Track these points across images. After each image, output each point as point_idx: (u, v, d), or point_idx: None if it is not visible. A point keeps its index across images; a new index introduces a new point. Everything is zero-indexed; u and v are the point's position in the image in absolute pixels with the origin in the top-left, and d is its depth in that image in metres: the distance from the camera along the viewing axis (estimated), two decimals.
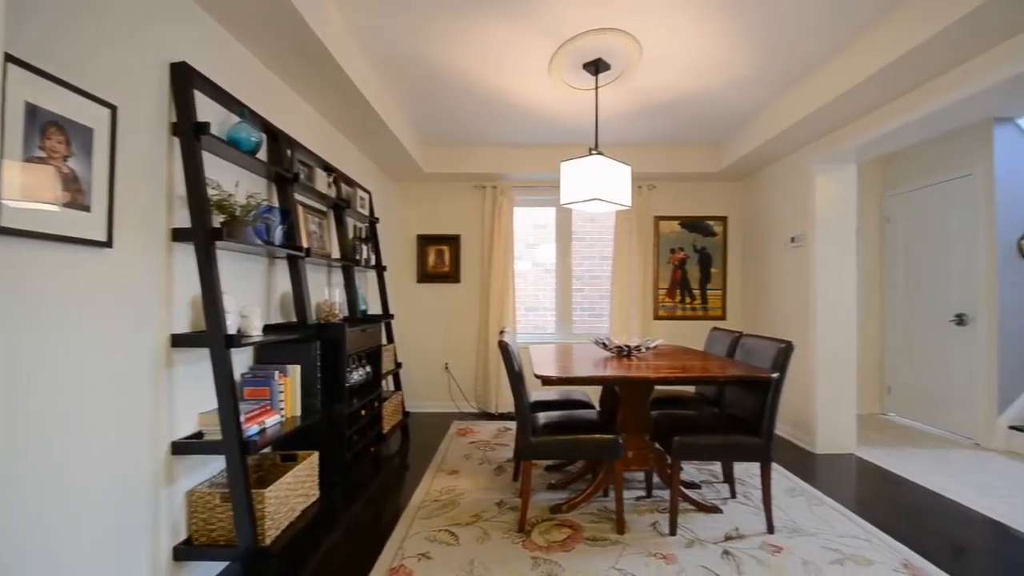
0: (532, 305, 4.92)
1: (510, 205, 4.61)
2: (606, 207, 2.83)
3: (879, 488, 2.95)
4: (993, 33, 2.11)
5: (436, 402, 4.78)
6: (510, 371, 2.38)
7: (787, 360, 2.37)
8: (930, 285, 4.21)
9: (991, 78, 2.27)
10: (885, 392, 4.67)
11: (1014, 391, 3.60)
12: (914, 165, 4.35)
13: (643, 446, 2.60)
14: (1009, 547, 2.25)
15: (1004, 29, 2.08)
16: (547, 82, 3.05)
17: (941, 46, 2.21)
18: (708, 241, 4.88)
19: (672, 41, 2.58)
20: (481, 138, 4.18)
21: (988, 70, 2.29)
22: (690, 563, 2.08)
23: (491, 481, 2.98)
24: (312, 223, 2.85)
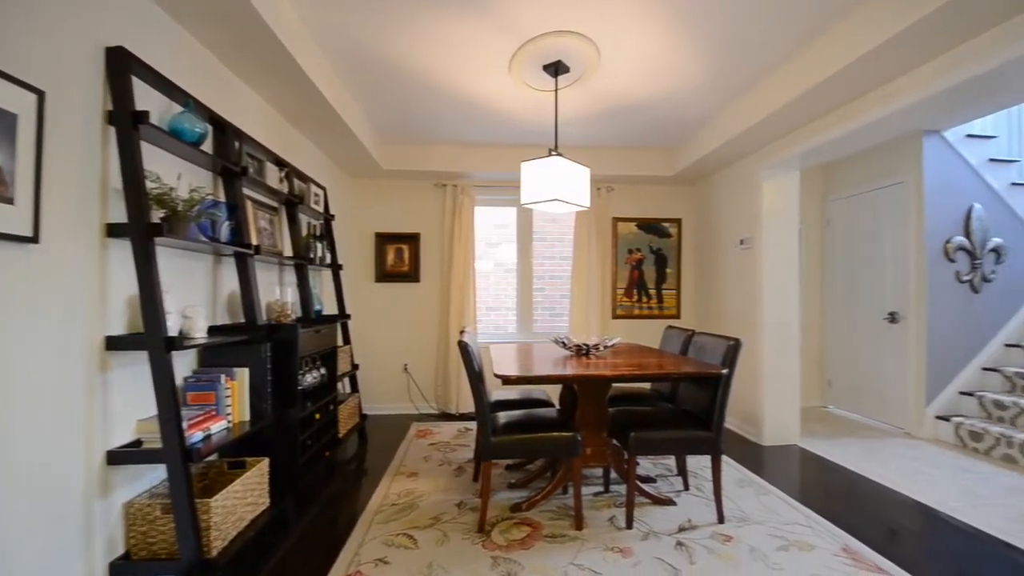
0: (494, 305, 4.92)
1: (471, 204, 4.59)
2: (566, 208, 2.87)
3: (820, 477, 3.12)
4: (921, 52, 2.28)
5: (395, 404, 4.70)
6: (470, 371, 2.37)
7: (735, 356, 2.47)
8: (866, 285, 4.49)
9: (920, 93, 2.45)
10: (826, 386, 4.95)
11: (940, 384, 3.90)
12: (852, 172, 4.63)
13: (601, 443, 2.65)
14: (936, 528, 2.43)
15: (931, 49, 2.25)
16: (508, 82, 3.06)
17: (875, 62, 2.37)
18: (663, 242, 5.02)
19: (629, 47, 2.64)
20: (441, 136, 4.14)
21: (917, 86, 2.46)
22: (645, 555, 2.13)
23: (451, 482, 2.96)
24: (262, 219, 2.74)
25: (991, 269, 3.97)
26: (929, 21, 2.01)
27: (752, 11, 2.31)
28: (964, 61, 2.21)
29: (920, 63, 2.39)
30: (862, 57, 2.32)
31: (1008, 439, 3.32)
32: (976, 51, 2.16)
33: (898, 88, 2.57)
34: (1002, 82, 2.29)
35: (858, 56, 2.32)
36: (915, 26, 2.05)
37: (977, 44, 2.15)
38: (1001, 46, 2.06)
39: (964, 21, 2.03)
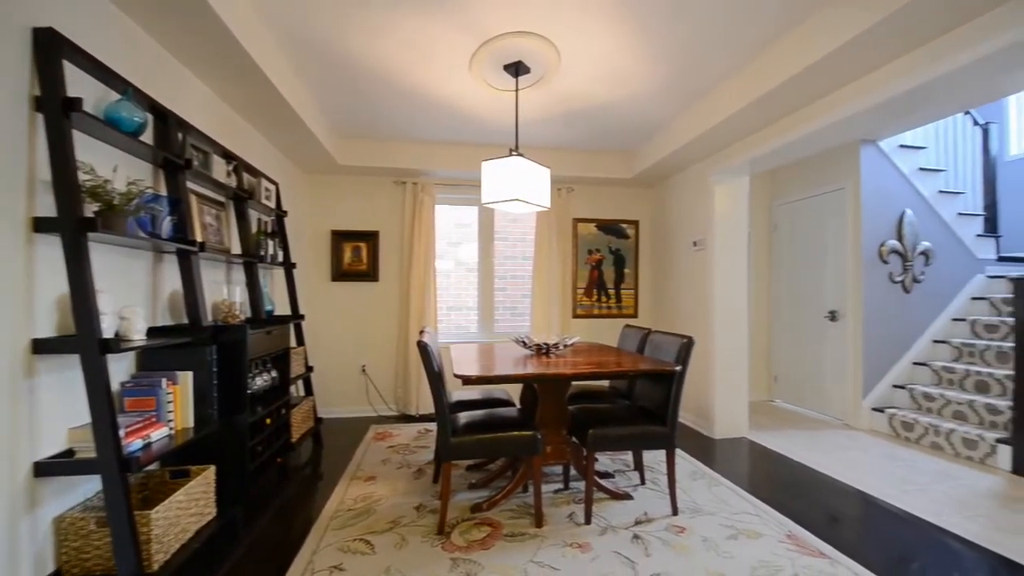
0: (455, 304, 4.88)
1: (431, 202, 4.54)
2: (526, 208, 2.88)
3: (767, 467, 3.27)
4: (859, 66, 2.42)
5: (352, 406, 4.59)
6: (429, 372, 2.34)
7: (688, 354, 2.56)
8: (809, 285, 4.75)
9: (857, 105, 2.61)
10: (772, 381, 5.20)
11: (875, 378, 4.17)
12: (797, 179, 4.89)
13: (561, 440, 2.68)
14: (872, 513, 2.60)
15: (868, 63, 2.40)
16: (469, 80, 3.04)
17: (817, 75, 2.51)
18: (622, 243, 5.13)
19: (589, 51, 2.68)
20: (401, 133, 4.07)
21: (855, 97, 2.62)
22: (603, 549, 2.17)
23: (410, 485, 2.91)
24: (208, 215, 2.61)
25: (920, 271, 4.28)
26: (865, 38, 2.14)
27: (705, 23, 2.39)
28: (898, 76, 2.37)
29: (858, 77, 2.55)
30: (806, 70, 2.45)
31: (936, 428, 3.59)
32: (908, 67, 2.32)
33: (838, 99, 2.73)
34: (931, 96, 2.46)
35: (802, 69, 2.45)
36: (852, 42, 2.18)
37: (909, 60, 2.31)
38: (930, 63, 2.22)
39: (897, 38, 2.17)
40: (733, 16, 2.35)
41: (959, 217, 4.44)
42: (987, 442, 3.24)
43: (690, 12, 2.32)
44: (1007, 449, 3.13)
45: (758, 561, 2.09)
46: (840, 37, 2.21)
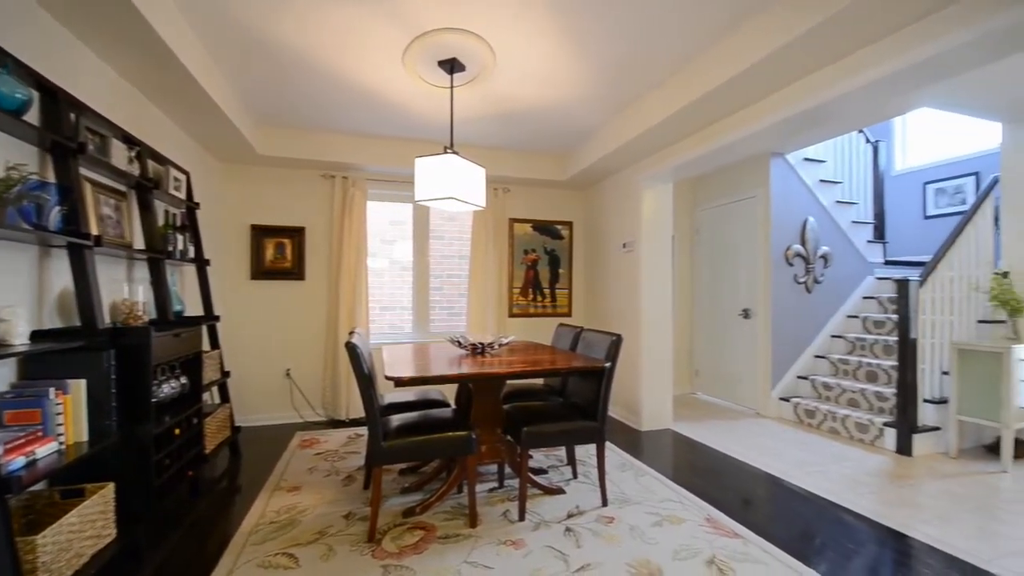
0: (388, 304, 4.75)
1: (363, 198, 4.38)
2: (462, 206, 2.85)
3: (689, 456, 3.47)
4: (767, 84, 2.63)
5: (276, 413, 4.32)
6: (359, 374, 2.25)
7: (617, 351, 2.65)
8: (726, 285, 5.10)
9: (769, 119, 2.83)
10: (694, 375, 5.53)
11: (782, 370, 4.56)
12: (717, 186, 5.23)
13: (496, 439, 2.68)
14: (779, 494, 2.83)
15: (775, 82, 2.61)
16: (402, 74, 2.97)
17: (733, 88, 2.69)
18: (557, 244, 5.24)
19: (524, 53, 2.70)
20: (330, 124, 3.89)
21: (767, 112, 2.85)
22: (536, 545, 2.20)
23: (339, 493, 2.79)
24: (106, 206, 2.35)
25: (820, 272, 4.73)
26: (775, 58, 2.33)
27: (633, 36, 2.49)
28: (804, 93, 2.60)
29: (769, 93, 2.77)
30: (723, 84, 2.62)
31: (833, 415, 3.98)
32: (813, 86, 2.55)
33: (752, 113, 2.95)
34: (830, 114, 2.72)
35: (720, 83, 2.62)
36: (764, 61, 2.36)
37: (814, 80, 2.55)
38: (830, 85, 2.46)
39: (802, 62, 2.38)
40: (658, 31, 2.47)
41: (853, 224, 4.95)
42: (876, 426, 3.64)
43: (619, 24, 2.41)
44: (892, 432, 3.53)
45: (680, 545, 2.20)
46: (753, 56, 2.38)
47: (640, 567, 2.04)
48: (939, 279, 3.67)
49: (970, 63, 2.11)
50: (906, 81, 2.27)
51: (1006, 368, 3.15)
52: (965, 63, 2.11)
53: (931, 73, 2.19)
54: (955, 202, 5.24)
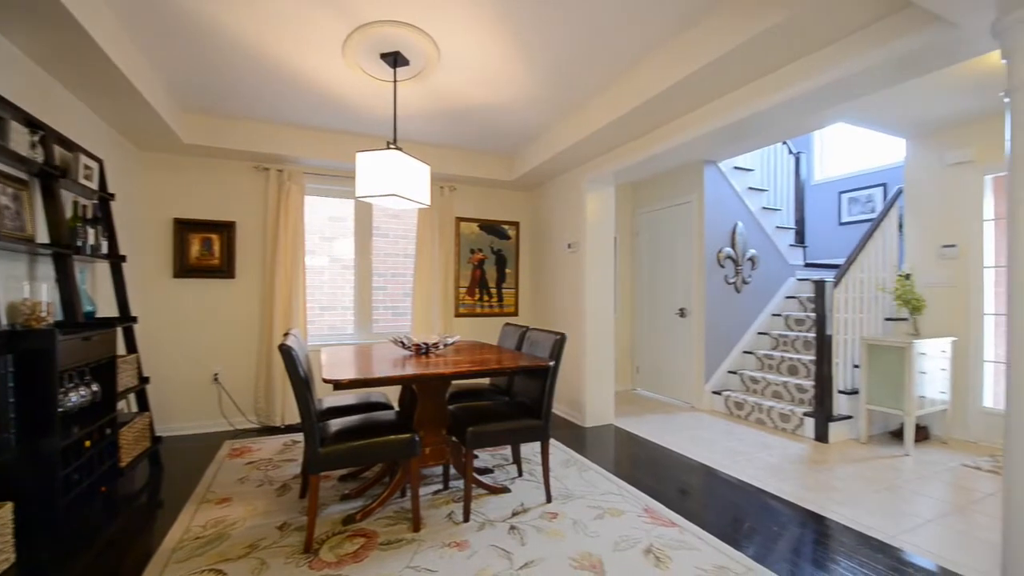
0: (329, 304, 4.56)
1: (300, 193, 4.18)
2: (405, 204, 2.79)
3: (630, 450, 3.59)
4: (700, 96, 2.77)
5: (202, 421, 4.04)
6: (294, 378, 2.15)
7: (561, 349, 2.69)
8: (664, 286, 5.32)
9: (703, 128, 2.98)
10: (635, 371, 5.72)
11: (714, 365, 4.81)
12: (655, 191, 5.44)
13: (440, 441, 2.65)
14: (711, 483, 2.98)
15: (707, 94, 2.74)
16: (342, 65, 2.86)
17: (669, 99, 2.81)
18: (503, 244, 5.25)
19: (470, 52, 2.68)
20: (265, 113, 3.69)
21: (699, 122, 2.99)
22: (481, 545, 2.19)
23: (272, 503, 2.65)
24: (3, 195, 2.10)
25: (748, 274, 5.04)
26: (708, 70, 2.45)
27: (576, 41, 2.54)
28: (735, 105, 2.76)
29: (702, 104, 2.92)
30: (661, 93, 2.73)
31: (759, 406, 4.25)
32: (743, 98, 2.71)
33: (688, 122, 3.09)
34: (758, 126, 2.90)
35: (658, 92, 2.73)
36: (697, 74, 2.48)
37: (744, 93, 2.70)
38: (758, 97, 2.62)
39: (733, 73, 2.52)
40: (600, 40, 2.53)
41: (777, 230, 5.31)
42: (797, 416, 3.92)
43: (562, 31, 2.44)
44: (811, 421, 3.82)
45: (620, 536, 2.27)
46: (690, 67, 2.49)
47: (582, 560, 2.08)
48: (851, 280, 4.02)
49: (877, 84, 2.32)
50: (823, 98, 2.46)
51: (908, 361, 3.49)
52: (873, 84, 2.31)
53: (844, 92, 2.39)
54: (866, 210, 5.75)
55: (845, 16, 2.04)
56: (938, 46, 1.96)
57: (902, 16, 1.98)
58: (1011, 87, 1.71)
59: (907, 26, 1.97)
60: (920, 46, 1.97)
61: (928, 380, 3.57)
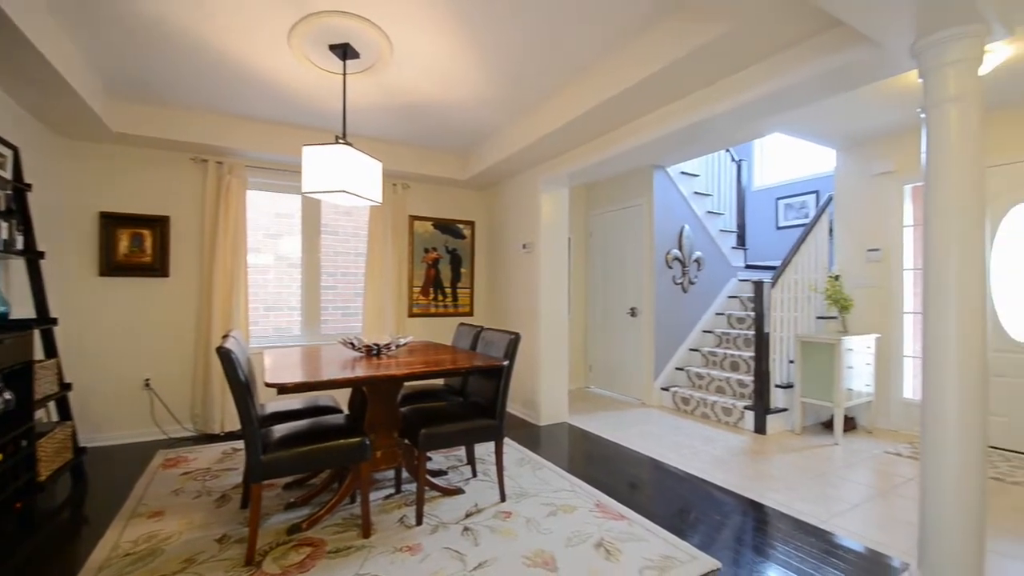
0: (274, 304, 4.37)
1: (242, 187, 3.97)
2: (355, 201, 2.71)
3: (582, 447, 3.65)
4: (648, 102, 2.85)
5: (133, 430, 3.76)
6: (234, 382, 2.04)
7: (516, 349, 2.70)
8: (616, 286, 5.45)
9: (652, 134, 3.07)
10: (588, 370, 5.83)
11: (663, 362, 4.98)
12: (608, 193, 5.57)
13: (392, 443, 2.59)
14: (660, 476, 3.08)
15: (659, 99, 2.83)
16: (289, 55, 2.74)
17: (621, 104, 2.88)
18: (458, 243, 5.21)
19: (423, 48, 2.64)
20: (203, 102, 3.48)
21: (650, 127, 3.09)
22: (434, 548, 2.16)
23: (211, 515, 2.50)
24: None
25: (695, 275, 5.25)
26: (656, 78, 2.53)
27: (530, 45, 2.55)
28: (682, 112, 2.86)
29: (652, 110, 3.01)
30: (613, 97, 2.79)
31: (704, 401, 4.43)
32: (689, 107, 2.81)
33: (638, 127, 3.18)
34: (704, 132, 3.02)
35: (609, 96, 2.79)
36: (647, 80, 2.56)
37: (689, 101, 2.81)
38: (704, 105, 2.73)
39: (681, 81, 2.61)
40: (552, 43, 2.55)
41: (721, 233, 5.56)
42: (738, 409, 4.12)
43: (515, 31, 2.44)
44: (751, 414, 4.02)
45: (572, 532, 2.30)
46: (641, 73, 2.56)
47: (535, 557, 2.09)
48: (787, 281, 4.26)
49: (810, 97, 2.47)
50: (762, 108, 2.59)
51: (837, 357, 3.75)
52: (806, 97, 2.46)
53: (781, 103, 2.53)
54: (800, 216, 6.12)
55: (781, 31, 2.16)
56: (864, 64, 2.11)
57: (833, 34, 2.12)
58: (927, 104, 1.86)
59: (837, 44, 2.11)
60: (848, 63, 2.11)
61: (855, 374, 3.85)
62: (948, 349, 1.78)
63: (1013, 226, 3.47)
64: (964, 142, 1.77)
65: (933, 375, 1.82)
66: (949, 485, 1.78)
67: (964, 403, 1.75)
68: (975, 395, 1.75)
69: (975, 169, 1.76)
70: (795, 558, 2.13)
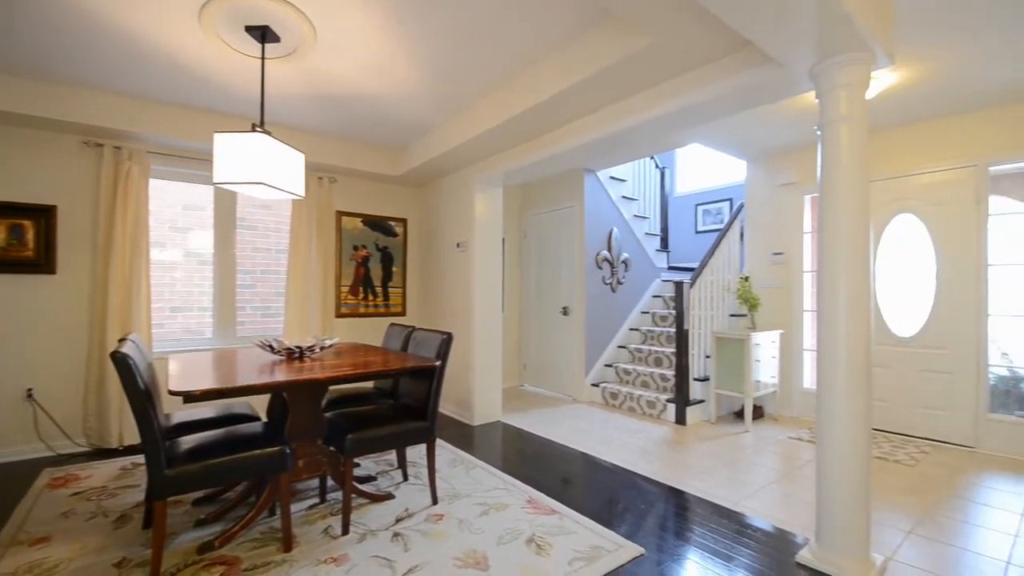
0: (182, 304, 4.01)
1: (144, 175, 3.59)
2: (274, 194, 2.55)
3: (516, 445, 3.68)
4: (584, 105, 2.93)
5: (13, 447, 3.29)
6: (132, 391, 1.84)
7: (448, 349, 2.67)
8: (549, 285, 5.56)
9: (584, 137, 3.15)
10: (522, 368, 5.90)
11: (593, 359, 5.15)
12: (542, 195, 5.66)
13: (315, 451, 2.47)
14: (590, 470, 3.17)
15: (590, 104, 2.91)
16: (199, 33, 2.52)
17: (551, 108, 2.93)
18: (390, 241, 5.07)
19: (351, 37, 2.53)
20: (100, 80, 3.11)
21: (581, 131, 3.17)
22: (361, 557, 2.08)
23: (108, 537, 2.25)
24: None
25: (623, 275, 5.47)
26: (585, 84, 2.60)
27: (462, 44, 2.53)
28: (607, 120, 2.96)
29: (584, 114, 3.09)
30: (544, 102, 2.84)
31: (631, 395, 4.63)
32: (618, 113, 2.92)
33: (571, 130, 3.26)
34: (631, 139, 3.14)
35: (541, 100, 2.84)
36: (573, 87, 2.63)
37: (619, 108, 2.92)
38: (627, 115, 2.85)
39: (606, 90, 2.70)
40: (485, 42, 2.55)
41: (646, 235, 5.84)
42: (661, 402, 4.34)
43: (446, 27, 2.41)
44: (672, 406, 4.26)
45: (504, 529, 2.32)
46: (574, 78, 2.62)
47: (467, 558, 2.08)
48: (704, 282, 4.56)
49: (724, 111, 2.65)
50: (682, 119, 2.75)
51: (746, 351, 4.06)
52: (721, 111, 2.64)
53: (698, 115, 2.70)
54: (716, 221, 6.57)
55: (700, 48, 2.29)
56: (770, 83, 2.30)
57: (743, 54, 2.29)
58: (822, 122, 2.06)
59: (746, 63, 2.28)
60: (756, 81, 2.29)
61: (762, 367, 4.19)
62: (838, 343, 1.98)
63: (894, 234, 3.94)
64: (853, 157, 1.98)
65: (826, 366, 2.02)
66: (840, 464, 1.98)
67: (851, 391, 1.96)
68: (861, 384, 1.96)
69: (862, 182, 1.97)
70: (711, 540, 2.27)
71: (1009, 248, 3.47)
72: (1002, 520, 2.45)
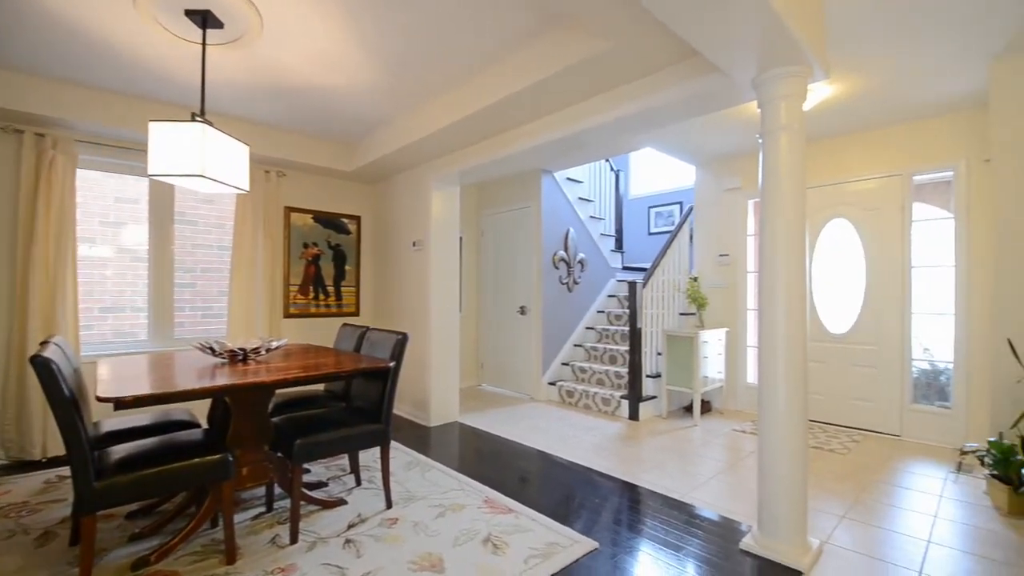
0: (114, 304, 3.73)
1: (71, 165, 3.32)
2: (216, 187, 2.42)
3: (473, 445, 3.67)
4: (540, 106, 2.95)
5: None
6: (56, 398, 1.70)
7: (403, 350, 2.62)
8: (507, 285, 5.57)
9: (540, 138, 3.18)
10: (480, 368, 5.88)
11: (550, 358, 5.20)
12: (499, 194, 5.66)
13: (261, 458, 2.37)
14: (547, 467, 3.20)
15: (546, 105, 2.93)
16: (134, 13, 2.36)
17: (507, 108, 2.94)
18: (343, 239, 4.92)
19: (300, 27, 2.43)
20: (21, 61, 2.84)
21: (538, 132, 3.20)
22: (311, 566, 2.01)
23: (30, 557, 2.07)
24: None
25: (579, 275, 5.55)
26: (540, 87, 2.63)
27: (415, 38, 2.49)
28: (563, 122, 3.00)
29: (541, 115, 3.11)
30: (499, 101, 2.85)
31: (587, 393, 4.71)
32: (575, 116, 2.96)
33: (525, 132, 3.28)
34: (587, 141, 3.19)
35: (497, 100, 2.85)
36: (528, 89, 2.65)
37: (576, 110, 2.96)
38: (582, 117, 2.90)
39: (561, 92, 2.74)
40: (439, 40, 2.52)
41: (601, 236, 5.96)
42: (615, 399, 4.44)
43: (399, 23, 2.37)
44: (626, 403, 4.36)
45: (460, 530, 2.30)
46: (529, 79, 2.64)
47: (422, 561, 2.05)
48: (656, 282, 4.70)
49: (673, 118, 2.74)
50: (634, 123, 2.82)
51: (695, 348, 4.22)
52: (671, 117, 2.73)
53: (650, 120, 2.78)
54: (668, 223, 6.79)
55: (652, 55, 2.36)
56: (716, 91, 2.39)
57: (692, 62, 2.38)
58: (763, 131, 2.17)
59: (694, 72, 2.37)
60: (703, 90, 2.38)
61: (710, 363, 4.37)
62: (777, 340, 2.09)
63: (829, 238, 4.20)
64: (791, 165, 2.09)
65: (766, 361, 2.13)
66: (779, 454, 2.09)
67: (789, 384, 2.08)
68: (798, 377, 2.08)
69: (799, 188, 2.09)
70: (662, 531, 2.35)
71: (930, 251, 3.78)
72: (923, 503, 2.67)
